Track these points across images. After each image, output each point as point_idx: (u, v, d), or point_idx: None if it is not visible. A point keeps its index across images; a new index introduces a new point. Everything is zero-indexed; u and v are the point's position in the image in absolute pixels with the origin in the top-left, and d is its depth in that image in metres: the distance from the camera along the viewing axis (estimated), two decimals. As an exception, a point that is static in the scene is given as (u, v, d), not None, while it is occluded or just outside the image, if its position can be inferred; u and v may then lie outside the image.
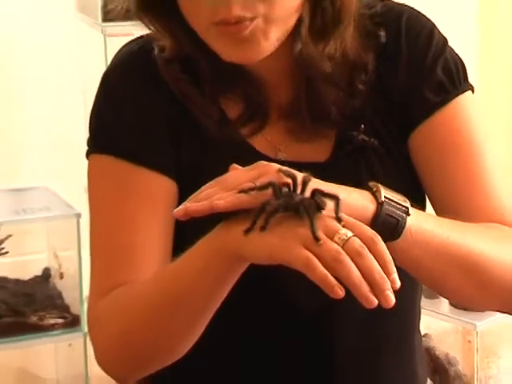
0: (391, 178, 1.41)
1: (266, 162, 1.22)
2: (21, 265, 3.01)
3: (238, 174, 1.22)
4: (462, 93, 1.46)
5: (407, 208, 1.27)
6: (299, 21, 1.39)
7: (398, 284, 1.12)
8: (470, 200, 1.43)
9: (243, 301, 1.32)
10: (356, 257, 1.11)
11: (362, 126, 1.44)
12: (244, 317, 1.43)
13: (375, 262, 1.12)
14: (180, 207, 1.20)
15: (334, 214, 1.15)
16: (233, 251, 1.20)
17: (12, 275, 2.97)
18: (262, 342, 1.48)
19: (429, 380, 1.65)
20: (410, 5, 1.56)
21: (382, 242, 1.14)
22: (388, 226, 1.25)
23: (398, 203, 1.27)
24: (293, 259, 1.12)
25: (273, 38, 1.37)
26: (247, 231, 1.15)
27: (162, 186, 1.42)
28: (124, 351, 1.37)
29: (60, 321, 2.79)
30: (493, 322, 2.57)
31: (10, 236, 2.84)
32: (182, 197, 1.37)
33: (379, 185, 1.27)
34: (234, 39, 1.36)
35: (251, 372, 1.51)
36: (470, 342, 2.60)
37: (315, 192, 1.17)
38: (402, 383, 1.56)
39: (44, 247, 2.99)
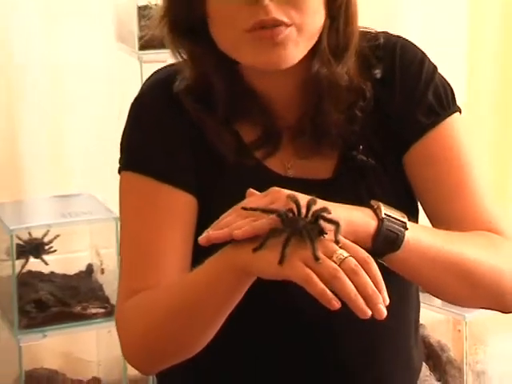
0: (388, 193, 1.42)
1: (277, 189, 1.21)
2: (67, 261, 3.00)
3: (253, 201, 1.21)
4: (451, 115, 1.45)
5: (405, 223, 1.27)
6: (317, 42, 1.39)
7: (387, 301, 1.12)
8: (461, 211, 1.42)
9: (249, 308, 1.31)
10: (351, 274, 1.12)
11: (361, 146, 1.43)
12: (249, 322, 1.42)
13: (368, 279, 1.12)
14: (203, 235, 1.20)
15: (333, 237, 1.14)
16: (242, 267, 1.20)
17: (59, 271, 2.97)
18: (265, 345, 1.47)
19: (424, 364, 1.65)
20: (404, 32, 1.57)
21: (375, 264, 1.15)
22: (389, 240, 1.25)
23: (396, 219, 1.27)
24: (295, 276, 1.13)
25: (301, 48, 1.36)
26: (255, 249, 1.15)
27: (184, 201, 1.41)
28: (145, 348, 1.37)
29: (101, 310, 2.79)
30: (480, 313, 2.52)
31: (57, 236, 2.86)
32: (202, 212, 1.42)
33: (380, 203, 1.27)
34: (268, 44, 1.34)
35: (253, 373, 1.49)
36: (459, 331, 2.58)
37: (318, 217, 1.15)
38: (399, 370, 1.55)
39: (87, 246, 2.99)
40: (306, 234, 1.14)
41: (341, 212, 1.20)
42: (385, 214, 1.25)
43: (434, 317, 2.58)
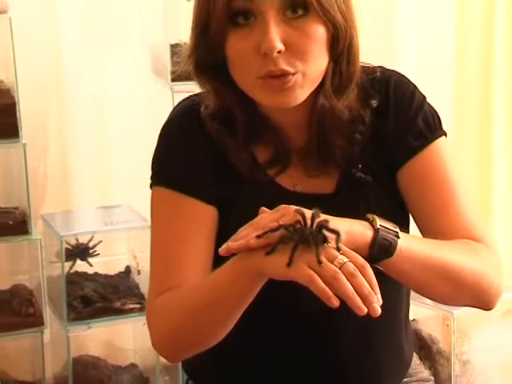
0: (383, 206, 1.42)
1: (285, 206, 1.20)
2: (108, 263, 3.00)
3: (265, 216, 1.21)
4: (438, 138, 1.45)
5: (397, 232, 1.26)
6: (322, 80, 1.38)
7: (381, 301, 1.13)
8: (447, 221, 1.41)
9: (262, 306, 1.30)
10: (350, 277, 1.12)
11: (360, 166, 1.43)
12: (261, 318, 1.40)
13: (365, 281, 1.13)
14: (224, 246, 1.20)
15: (335, 245, 1.15)
16: (256, 269, 1.20)
17: (102, 271, 2.98)
18: (274, 337, 1.47)
19: (415, 354, 1.63)
20: (400, 67, 1.57)
21: (371, 269, 1.15)
22: (383, 247, 1.25)
23: (390, 229, 1.26)
24: (300, 276, 1.14)
25: (306, 90, 1.35)
26: (267, 253, 1.16)
27: (206, 212, 1.41)
28: (172, 339, 1.38)
29: (137, 306, 2.79)
30: (465, 310, 2.48)
31: (100, 242, 2.87)
32: (222, 221, 1.42)
33: (375, 216, 1.26)
34: (278, 89, 1.33)
35: (263, 359, 1.49)
36: (448, 325, 2.57)
37: (322, 227, 1.16)
38: (392, 362, 1.54)
39: (125, 250, 2.98)
40: (312, 240, 1.15)
41: (342, 224, 1.20)
42: (380, 225, 1.25)
43: (425, 313, 2.56)
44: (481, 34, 3.35)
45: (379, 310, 1.13)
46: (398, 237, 1.26)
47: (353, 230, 1.23)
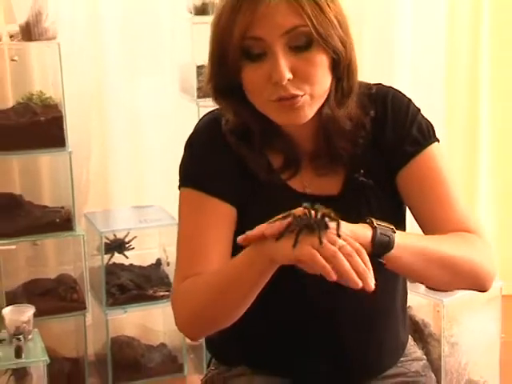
0: (382, 206, 1.42)
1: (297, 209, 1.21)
2: (142, 256, 2.99)
3: (276, 219, 1.21)
4: (431, 144, 1.44)
5: (393, 228, 1.26)
6: (326, 96, 1.38)
7: (373, 281, 1.14)
8: (443, 216, 1.40)
9: (273, 292, 1.30)
10: (347, 257, 1.14)
11: (362, 170, 1.43)
12: (273, 302, 1.39)
13: (361, 261, 1.14)
14: (241, 236, 1.22)
15: (335, 232, 1.17)
16: (267, 254, 1.21)
17: (136, 263, 2.98)
18: (283, 318, 1.47)
19: (410, 336, 1.63)
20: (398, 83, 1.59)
21: (365, 253, 1.17)
22: (383, 242, 1.24)
23: (386, 226, 1.25)
24: (303, 255, 1.15)
25: (314, 108, 1.35)
26: (277, 239, 1.17)
27: (226, 211, 1.41)
28: (194, 319, 1.37)
29: (167, 293, 2.78)
30: (454, 298, 2.52)
31: (135, 237, 2.88)
32: (240, 219, 1.42)
33: (372, 218, 1.25)
34: (289, 109, 1.33)
35: (274, 335, 1.49)
36: (438, 311, 2.52)
37: (324, 216, 1.17)
38: (388, 342, 1.53)
39: (157, 245, 2.98)
40: (316, 226, 1.16)
41: (345, 226, 1.20)
42: (377, 224, 1.25)
43: (418, 301, 2.53)
44: (468, 58, 3.34)
45: (373, 286, 1.14)
46: (394, 231, 1.26)
47: (355, 230, 1.22)
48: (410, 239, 1.30)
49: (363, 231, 1.24)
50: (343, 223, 1.20)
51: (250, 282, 1.28)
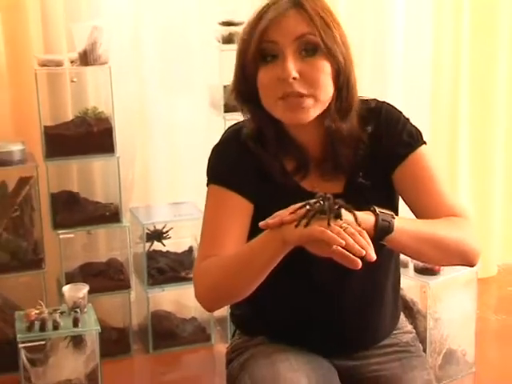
0: (378, 202, 1.36)
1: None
2: (177, 244, 2.99)
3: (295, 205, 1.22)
4: (420, 146, 1.43)
5: (392, 215, 1.26)
6: (329, 105, 1.37)
7: (374, 256, 1.15)
8: (434, 204, 1.39)
9: (289, 274, 1.32)
10: (350, 235, 1.15)
11: (361, 173, 1.42)
12: (288, 282, 1.41)
13: (362, 239, 1.15)
14: (263, 222, 1.22)
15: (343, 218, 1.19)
16: (281, 236, 1.21)
17: (172, 250, 2.98)
18: (293, 293, 1.46)
19: (402, 313, 1.62)
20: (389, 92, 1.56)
21: (366, 234, 1.18)
22: (384, 227, 1.25)
23: (387, 213, 1.26)
24: (314, 232, 1.16)
25: (317, 110, 1.35)
26: (296, 226, 1.18)
27: (244, 205, 1.41)
28: (211, 293, 1.36)
29: None
30: (438, 281, 2.52)
31: (171, 228, 2.89)
32: (256, 214, 1.40)
33: (374, 206, 1.26)
34: (295, 109, 1.34)
35: (286, 307, 1.49)
36: (424, 292, 2.52)
37: (335, 204, 1.19)
38: (386, 316, 1.53)
39: (189, 235, 2.96)
40: (328, 210, 1.18)
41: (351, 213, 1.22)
42: (379, 211, 1.25)
43: (408, 283, 2.51)
44: (450, 76, 3.33)
45: (374, 256, 1.15)
46: (394, 217, 1.26)
47: (361, 216, 1.22)
48: (407, 224, 1.29)
49: (368, 217, 1.24)
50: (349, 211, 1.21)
51: (262, 263, 1.27)
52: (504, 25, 3.33)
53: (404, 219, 1.31)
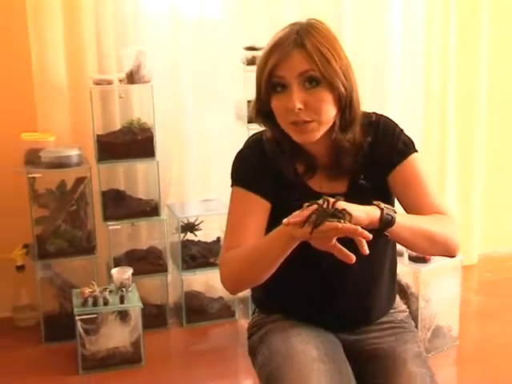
0: (377, 201, 1.36)
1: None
2: (206, 235, 2.96)
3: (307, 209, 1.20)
4: (412, 153, 1.41)
5: (395, 210, 1.26)
6: (333, 124, 1.36)
7: (370, 236, 1.14)
8: (422, 205, 1.37)
9: (300, 263, 1.31)
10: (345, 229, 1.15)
11: (362, 176, 1.41)
12: (299, 270, 1.39)
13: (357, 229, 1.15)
14: (286, 219, 1.20)
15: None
16: (289, 234, 1.21)
17: (202, 240, 2.96)
18: (304, 279, 1.44)
19: (397, 295, 1.61)
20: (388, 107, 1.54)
21: (361, 229, 1.15)
22: (388, 220, 1.24)
23: (390, 209, 1.25)
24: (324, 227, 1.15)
25: (321, 131, 1.35)
26: (302, 226, 1.18)
27: (263, 203, 1.40)
28: (234, 278, 1.36)
29: None
30: (428, 268, 2.51)
31: (202, 221, 2.88)
32: (273, 211, 1.39)
33: (380, 202, 1.25)
34: (302, 132, 1.34)
35: (298, 292, 1.47)
36: (417, 277, 2.51)
37: (338, 208, 1.17)
38: (384, 297, 1.52)
39: (217, 227, 2.94)
40: (330, 212, 1.17)
41: (360, 208, 1.21)
42: (384, 206, 1.24)
43: (403, 269, 2.48)
44: (440, 92, 3.29)
45: (370, 235, 1.14)
46: (395, 213, 1.25)
47: (368, 211, 1.22)
48: (405, 219, 1.29)
49: (374, 212, 1.23)
50: (358, 206, 1.20)
51: (275, 254, 1.27)
52: (484, 58, 3.32)
53: (403, 215, 1.30)
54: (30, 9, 2.65)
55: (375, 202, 1.25)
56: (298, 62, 1.31)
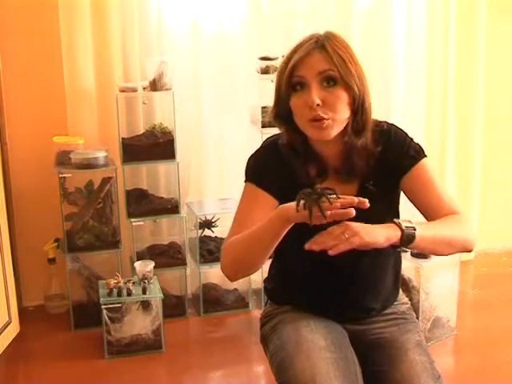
0: (384, 205, 1.38)
1: None
2: (223, 231, 2.92)
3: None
4: (422, 158, 1.41)
5: (414, 227, 1.24)
6: (346, 125, 1.35)
7: (368, 204, 1.14)
8: (436, 205, 1.37)
9: (309, 253, 1.21)
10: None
11: (371, 182, 1.40)
12: (308, 261, 1.37)
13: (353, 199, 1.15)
14: (307, 244, 1.18)
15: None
16: (285, 217, 1.20)
17: (219, 236, 2.95)
18: (320, 269, 1.41)
19: (401, 289, 1.61)
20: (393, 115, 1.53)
21: (357, 199, 1.14)
22: (408, 239, 1.24)
23: (410, 227, 1.24)
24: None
25: (336, 130, 1.33)
26: (297, 211, 1.15)
27: (270, 200, 1.38)
28: (232, 265, 1.34)
29: None
30: (429, 263, 2.49)
31: (218, 219, 2.87)
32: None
33: (400, 221, 1.23)
34: (319, 129, 1.32)
35: (305, 278, 1.46)
36: (418, 271, 2.48)
37: (324, 190, 1.15)
38: (389, 289, 1.51)
39: None
40: (319, 195, 1.15)
41: (382, 231, 1.20)
42: (405, 226, 1.23)
43: (406, 264, 2.47)
44: (440, 104, 3.27)
45: (367, 204, 1.13)
46: (415, 229, 1.24)
47: (389, 234, 1.22)
48: (424, 230, 1.26)
49: (395, 233, 1.23)
50: (377, 229, 1.20)
51: (269, 237, 1.25)
52: (481, 66, 3.30)
53: (421, 226, 1.27)
54: (63, 20, 2.68)
55: (396, 221, 1.23)
56: (317, 61, 1.31)
